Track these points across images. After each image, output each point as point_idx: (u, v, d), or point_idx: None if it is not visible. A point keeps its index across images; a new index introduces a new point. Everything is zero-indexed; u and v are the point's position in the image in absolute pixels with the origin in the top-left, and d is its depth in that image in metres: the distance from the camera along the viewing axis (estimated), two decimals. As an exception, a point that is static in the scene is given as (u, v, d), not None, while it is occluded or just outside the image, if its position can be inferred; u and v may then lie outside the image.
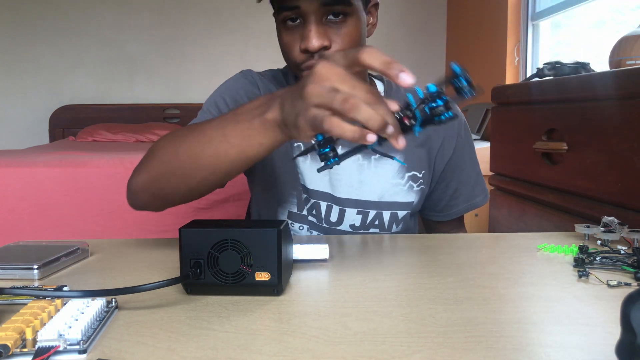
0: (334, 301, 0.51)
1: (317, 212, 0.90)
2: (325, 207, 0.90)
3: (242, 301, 0.51)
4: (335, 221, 0.91)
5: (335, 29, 0.76)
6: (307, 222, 0.91)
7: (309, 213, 0.91)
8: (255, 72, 0.93)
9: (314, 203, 0.90)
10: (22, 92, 3.84)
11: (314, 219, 0.91)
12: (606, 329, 0.44)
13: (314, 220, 0.91)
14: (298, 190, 0.90)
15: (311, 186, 0.90)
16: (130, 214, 1.82)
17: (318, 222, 0.91)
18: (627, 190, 1.08)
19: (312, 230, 0.92)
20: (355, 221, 0.91)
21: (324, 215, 0.90)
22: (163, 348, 0.40)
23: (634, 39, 1.31)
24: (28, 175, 1.84)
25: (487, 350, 0.39)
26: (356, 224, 0.91)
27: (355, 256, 0.68)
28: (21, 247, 0.68)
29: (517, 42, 2.71)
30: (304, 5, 0.73)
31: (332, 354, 0.39)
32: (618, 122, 1.11)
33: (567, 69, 1.47)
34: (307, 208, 0.91)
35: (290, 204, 0.91)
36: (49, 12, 3.78)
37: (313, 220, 0.91)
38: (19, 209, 1.81)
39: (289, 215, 0.91)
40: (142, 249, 0.73)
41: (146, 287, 0.48)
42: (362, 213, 0.91)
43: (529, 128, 1.45)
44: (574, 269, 0.61)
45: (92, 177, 1.86)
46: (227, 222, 0.55)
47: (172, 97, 3.90)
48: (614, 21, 2.21)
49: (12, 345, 0.38)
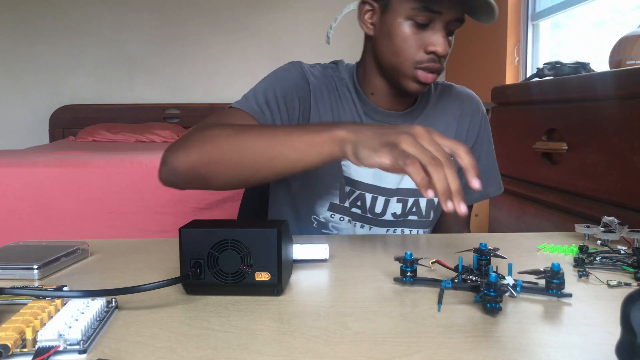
0: (334, 301, 0.51)
1: (362, 203, 0.92)
2: (370, 199, 0.92)
3: (242, 301, 0.51)
4: (380, 212, 0.93)
5: (448, 40, 0.84)
6: (349, 213, 0.93)
7: (353, 205, 0.92)
8: (305, 64, 0.94)
9: (359, 194, 0.92)
10: (22, 92, 3.84)
11: (357, 210, 0.93)
12: (606, 329, 0.44)
13: (357, 211, 0.93)
14: (341, 182, 0.91)
15: (357, 178, 0.91)
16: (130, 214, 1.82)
17: (362, 212, 0.93)
18: (627, 190, 1.08)
19: (355, 222, 0.93)
20: (396, 209, 0.94)
21: (369, 206, 0.93)
22: (163, 348, 0.40)
23: (634, 39, 1.31)
24: (28, 175, 1.84)
25: (487, 350, 0.39)
26: (397, 212, 0.94)
27: (355, 256, 0.68)
28: (21, 247, 0.68)
29: (517, 42, 2.71)
30: (446, 14, 0.80)
31: (332, 354, 0.39)
32: (618, 122, 1.11)
33: (567, 69, 1.47)
34: (351, 200, 0.92)
35: (333, 196, 0.92)
36: (49, 12, 3.78)
37: (357, 212, 0.93)
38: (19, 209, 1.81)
39: (331, 206, 0.92)
40: (142, 249, 0.73)
41: (146, 287, 0.48)
42: (402, 201, 0.94)
43: (529, 128, 1.45)
44: (574, 269, 0.61)
45: (92, 177, 1.86)
46: (227, 222, 0.55)
47: (172, 97, 3.90)
48: (614, 21, 2.21)
49: (12, 345, 0.38)
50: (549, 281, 0.51)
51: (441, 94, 0.98)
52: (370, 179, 0.92)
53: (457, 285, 0.53)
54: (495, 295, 0.46)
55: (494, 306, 0.46)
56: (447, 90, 0.99)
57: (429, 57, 0.82)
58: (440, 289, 0.51)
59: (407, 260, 0.56)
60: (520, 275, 0.55)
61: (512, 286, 0.50)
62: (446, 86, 1.00)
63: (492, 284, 0.47)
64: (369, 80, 0.91)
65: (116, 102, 3.88)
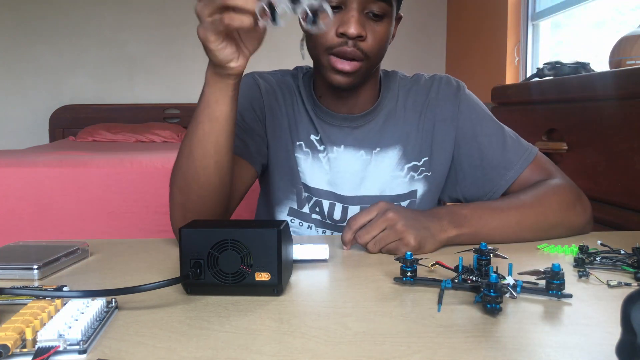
0: (334, 301, 0.51)
1: (319, 209, 0.91)
2: (328, 205, 0.91)
3: (242, 301, 0.51)
4: (339, 218, 0.91)
5: (372, 25, 0.78)
6: (310, 219, 0.92)
7: (313, 211, 0.91)
8: (257, 73, 0.94)
9: (317, 201, 0.91)
10: (22, 92, 3.84)
11: (317, 216, 0.91)
12: (606, 329, 0.44)
13: (317, 217, 0.92)
14: (298, 188, 0.91)
15: (312, 184, 0.90)
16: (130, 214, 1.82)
17: (322, 219, 0.92)
18: (627, 190, 1.08)
19: (317, 228, 0.92)
20: None
21: (327, 212, 0.91)
22: (163, 348, 0.40)
23: (634, 39, 1.31)
24: (28, 175, 1.84)
25: (487, 350, 0.39)
26: None
27: (355, 256, 0.68)
28: (21, 247, 0.68)
29: (517, 42, 2.71)
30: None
31: (332, 354, 0.39)
32: (618, 122, 1.11)
33: (567, 69, 1.47)
34: (310, 206, 0.91)
35: (291, 201, 0.92)
36: (49, 12, 3.78)
37: (317, 218, 0.92)
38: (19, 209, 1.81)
39: (290, 211, 0.92)
40: (142, 249, 0.73)
41: (146, 287, 0.48)
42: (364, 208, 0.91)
43: (529, 128, 1.45)
44: (574, 269, 0.61)
45: (92, 177, 1.86)
46: (227, 222, 0.55)
47: (172, 97, 3.90)
48: (614, 21, 2.21)
49: (12, 345, 0.38)
50: (549, 282, 0.51)
51: (408, 91, 0.92)
52: (325, 186, 0.90)
53: (457, 285, 0.53)
54: (496, 296, 0.46)
55: (495, 307, 0.46)
56: (415, 84, 0.93)
57: (340, 40, 0.77)
58: (440, 289, 0.51)
59: (408, 260, 0.56)
60: (520, 276, 0.55)
61: (512, 286, 0.50)
62: (415, 79, 0.94)
63: (493, 284, 0.46)
64: (317, 83, 0.90)
65: (116, 102, 3.88)
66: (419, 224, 0.70)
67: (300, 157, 0.90)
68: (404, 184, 0.91)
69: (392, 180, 0.90)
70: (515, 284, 0.50)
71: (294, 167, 0.90)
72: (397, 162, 0.90)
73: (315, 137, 0.90)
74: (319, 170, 0.90)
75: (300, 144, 0.90)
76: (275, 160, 0.91)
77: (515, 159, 0.87)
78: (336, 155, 0.90)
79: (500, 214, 0.75)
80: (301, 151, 0.90)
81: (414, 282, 0.55)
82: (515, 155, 0.87)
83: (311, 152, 0.90)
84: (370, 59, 0.80)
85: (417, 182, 0.91)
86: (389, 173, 0.90)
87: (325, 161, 0.90)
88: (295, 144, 0.90)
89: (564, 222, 0.78)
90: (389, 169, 0.90)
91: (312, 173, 0.90)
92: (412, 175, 0.90)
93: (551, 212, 0.77)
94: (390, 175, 0.90)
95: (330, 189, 0.90)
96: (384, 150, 0.90)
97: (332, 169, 0.89)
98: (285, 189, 0.91)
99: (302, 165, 0.90)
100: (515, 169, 0.86)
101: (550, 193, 0.80)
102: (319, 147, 0.90)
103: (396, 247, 0.68)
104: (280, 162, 0.91)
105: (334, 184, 0.90)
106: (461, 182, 0.91)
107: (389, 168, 0.90)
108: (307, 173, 0.90)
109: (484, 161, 0.88)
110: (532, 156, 0.87)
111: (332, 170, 0.90)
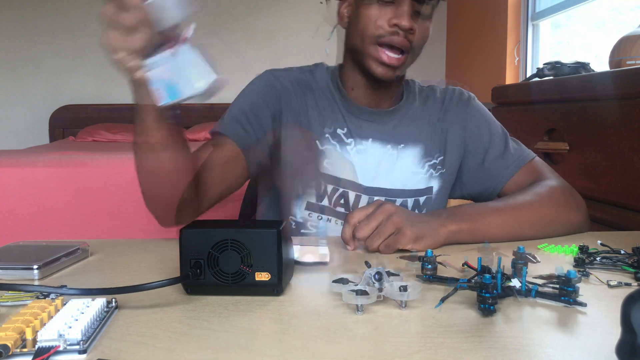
0: (334, 301, 0.51)
1: (345, 201, 0.92)
2: (354, 197, 0.92)
3: (242, 301, 0.51)
4: None
5: (419, 21, 0.83)
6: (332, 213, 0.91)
7: (337, 203, 0.92)
8: (276, 70, 0.95)
9: (343, 192, 0.91)
10: (22, 92, 3.84)
11: (342, 208, 0.92)
12: (606, 329, 0.44)
13: (342, 210, 0.92)
14: (318, 181, 0.91)
15: (340, 175, 0.91)
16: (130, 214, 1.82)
17: (346, 210, 0.92)
18: (627, 190, 1.08)
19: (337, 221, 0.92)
20: None
21: (352, 204, 0.92)
22: (163, 348, 0.40)
23: (634, 39, 1.31)
24: (28, 175, 1.84)
25: (487, 350, 0.39)
26: None
27: (355, 256, 0.68)
28: (21, 247, 0.68)
29: (517, 42, 2.71)
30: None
31: (332, 354, 0.39)
32: (618, 122, 1.11)
33: (567, 69, 1.47)
34: (335, 198, 0.92)
35: (309, 195, 0.92)
36: (49, 12, 3.78)
37: (342, 211, 0.92)
38: (19, 209, 1.81)
39: (308, 205, 0.92)
40: (142, 249, 0.73)
41: (146, 287, 0.48)
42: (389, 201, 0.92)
43: (530, 128, 1.45)
44: (574, 269, 0.61)
45: (92, 177, 1.86)
46: (227, 222, 0.55)
47: (172, 97, 3.89)
48: (614, 21, 2.21)
49: (12, 345, 0.38)
50: (562, 288, 0.49)
51: (427, 96, 0.99)
52: (352, 177, 0.92)
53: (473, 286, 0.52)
54: (489, 297, 0.46)
55: (488, 307, 0.46)
56: (432, 92, 1.00)
57: (391, 29, 0.81)
58: (454, 288, 0.51)
59: (429, 258, 0.55)
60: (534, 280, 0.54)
61: (517, 290, 0.49)
62: (432, 87, 1.01)
63: (486, 285, 0.46)
64: (347, 76, 0.93)
65: (116, 102, 3.88)
66: (417, 218, 0.73)
67: (329, 149, 0.92)
68: (424, 180, 0.94)
69: (413, 175, 0.94)
70: (519, 288, 0.50)
71: (316, 159, 0.91)
72: (419, 159, 0.94)
73: (341, 130, 0.92)
74: (347, 162, 0.92)
75: (327, 136, 0.92)
76: (292, 155, 0.91)
77: (515, 157, 0.93)
78: (365, 148, 0.92)
79: (498, 211, 0.78)
80: (329, 143, 0.92)
81: (432, 280, 0.56)
82: (515, 155, 0.93)
83: (339, 145, 0.92)
84: (414, 53, 0.85)
85: (434, 179, 0.95)
86: (411, 168, 0.94)
87: (354, 153, 0.92)
88: (323, 137, 0.92)
89: (560, 219, 0.80)
90: (412, 165, 0.94)
91: (340, 164, 0.92)
92: (431, 172, 0.95)
93: (547, 209, 0.80)
94: (412, 171, 0.94)
95: (357, 181, 0.92)
96: (408, 146, 0.94)
97: (359, 160, 0.92)
98: (304, 183, 0.92)
99: (331, 157, 0.91)
100: (514, 166, 0.92)
101: (545, 192, 0.84)
102: (346, 140, 0.92)
103: (395, 241, 0.68)
104: (299, 156, 0.91)
105: (361, 176, 0.92)
106: (466, 179, 0.97)
107: (412, 164, 0.94)
108: (334, 165, 0.91)
109: (487, 159, 0.94)
110: (531, 157, 0.93)
111: (359, 162, 0.92)
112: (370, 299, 0.47)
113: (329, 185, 0.91)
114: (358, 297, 0.46)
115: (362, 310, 0.47)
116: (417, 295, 0.48)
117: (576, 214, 0.83)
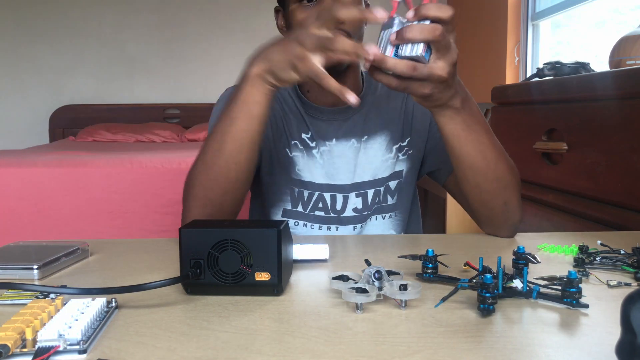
0: (334, 300, 0.51)
1: (323, 204, 0.93)
2: (329, 198, 0.93)
3: (242, 301, 0.51)
4: (340, 209, 0.93)
5: None
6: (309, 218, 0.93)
7: (315, 208, 0.93)
8: None
9: (319, 196, 0.93)
10: (22, 92, 3.84)
11: (321, 212, 0.93)
12: (606, 329, 0.44)
13: (321, 213, 0.93)
14: (291, 187, 0.93)
15: (311, 180, 0.92)
16: (130, 214, 1.82)
17: (326, 214, 0.93)
18: (627, 190, 1.08)
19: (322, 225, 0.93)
20: (357, 204, 0.94)
21: (330, 205, 0.93)
22: (163, 348, 0.40)
23: (634, 39, 1.31)
24: (28, 175, 1.84)
25: (487, 350, 0.39)
26: (358, 207, 0.94)
27: (355, 256, 0.68)
28: (21, 247, 0.68)
29: (517, 42, 2.71)
30: None
31: (332, 354, 0.39)
32: (618, 122, 1.11)
33: (567, 69, 1.47)
34: (312, 203, 0.93)
35: (284, 202, 0.93)
36: (49, 12, 3.78)
37: (321, 214, 0.93)
38: (19, 209, 1.81)
39: (284, 212, 0.93)
40: (142, 249, 0.73)
41: (146, 287, 0.48)
42: (361, 195, 0.94)
43: (529, 128, 1.45)
44: (574, 269, 0.61)
45: (92, 177, 1.86)
46: (227, 222, 0.55)
47: (172, 97, 3.90)
48: (614, 21, 2.21)
49: (12, 345, 0.38)
50: (564, 289, 0.48)
51: None
52: (323, 179, 0.93)
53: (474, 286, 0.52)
54: (489, 296, 0.46)
55: (487, 307, 0.46)
56: None
57: None
58: (455, 287, 0.51)
59: (430, 257, 0.56)
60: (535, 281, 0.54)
61: (518, 290, 0.49)
62: None
63: (486, 285, 0.46)
64: None
65: (116, 102, 3.88)
66: None
67: (297, 156, 0.93)
68: (393, 165, 0.95)
69: (382, 163, 0.95)
70: (521, 289, 0.50)
71: (289, 166, 0.93)
72: (385, 145, 0.95)
73: (306, 135, 0.94)
74: (315, 165, 0.93)
75: (295, 142, 0.93)
76: (269, 163, 0.94)
77: None
78: (329, 148, 0.93)
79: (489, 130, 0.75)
80: (297, 149, 0.93)
81: (433, 279, 0.56)
82: None
83: (305, 150, 0.93)
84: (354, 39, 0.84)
85: (401, 162, 0.96)
86: (379, 157, 0.95)
87: (319, 156, 0.93)
88: (290, 143, 0.93)
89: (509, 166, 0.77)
90: (379, 154, 0.95)
91: (309, 169, 0.93)
92: (398, 156, 0.96)
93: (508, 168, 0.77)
94: (380, 160, 0.95)
95: (328, 182, 0.93)
96: (371, 137, 0.95)
97: (326, 162, 0.93)
98: (279, 190, 0.93)
99: (300, 164, 0.93)
100: None
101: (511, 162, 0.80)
102: (311, 144, 0.93)
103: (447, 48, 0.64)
104: (275, 164, 0.93)
105: (331, 176, 0.93)
106: (428, 155, 0.98)
107: (379, 153, 0.95)
108: (304, 170, 0.93)
109: None
110: None
111: (326, 163, 0.93)
112: (370, 297, 0.47)
113: (304, 190, 0.92)
114: (357, 295, 0.46)
115: (362, 309, 0.47)
116: (417, 294, 0.48)
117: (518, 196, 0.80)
